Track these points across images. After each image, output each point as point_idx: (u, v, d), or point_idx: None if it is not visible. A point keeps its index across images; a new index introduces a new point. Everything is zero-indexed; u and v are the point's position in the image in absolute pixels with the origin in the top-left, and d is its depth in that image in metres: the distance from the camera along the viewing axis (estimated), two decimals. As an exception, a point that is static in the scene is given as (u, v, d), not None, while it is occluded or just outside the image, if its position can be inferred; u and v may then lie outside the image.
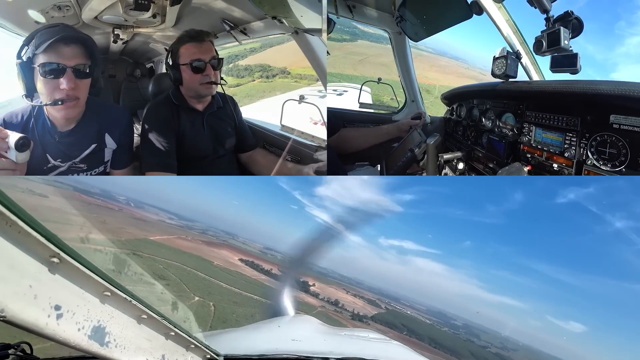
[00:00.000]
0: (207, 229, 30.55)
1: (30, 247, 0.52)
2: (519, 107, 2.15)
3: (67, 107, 1.55)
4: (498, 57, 2.20)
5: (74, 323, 0.60)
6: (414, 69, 3.07)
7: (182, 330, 0.83)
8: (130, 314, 0.71)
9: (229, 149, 2.22)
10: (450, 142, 2.96)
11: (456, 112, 2.97)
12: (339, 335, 1.47)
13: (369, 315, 22.73)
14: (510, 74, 2.16)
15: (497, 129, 2.36)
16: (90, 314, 0.63)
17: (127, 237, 20.33)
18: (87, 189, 20.85)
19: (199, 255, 22.59)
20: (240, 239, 30.63)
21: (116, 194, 26.21)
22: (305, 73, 12.02)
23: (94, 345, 0.64)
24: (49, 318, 0.56)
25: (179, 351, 0.86)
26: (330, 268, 28.04)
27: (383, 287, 31.64)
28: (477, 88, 2.78)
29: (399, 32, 2.89)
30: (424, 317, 26.75)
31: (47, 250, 0.54)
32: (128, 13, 2.41)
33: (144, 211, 29.45)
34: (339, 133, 2.54)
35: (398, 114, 3.14)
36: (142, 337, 0.74)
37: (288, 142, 2.45)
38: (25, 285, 0.52)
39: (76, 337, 0.61)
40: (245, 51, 12.81)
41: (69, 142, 1.65)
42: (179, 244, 23.78)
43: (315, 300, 21.74)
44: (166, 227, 27.52)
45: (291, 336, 1.26)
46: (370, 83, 3.46)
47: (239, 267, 23.61)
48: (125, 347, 0.70)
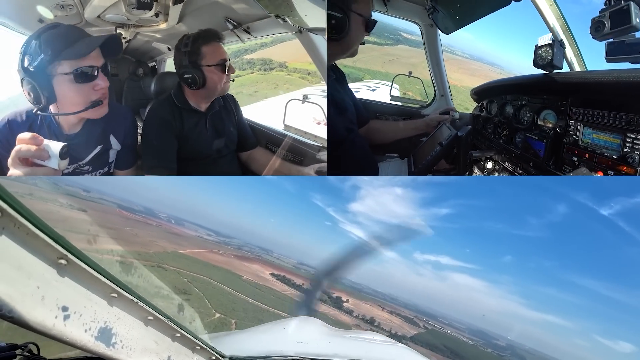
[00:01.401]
0: (243, 244, 29.92)
1: (38, 249, 0.52)
2: (561, 103, 1.92)
3: (105, 105, 1.56)
4: (542, 45, 1.93)
5: (81, 324, 0.60)
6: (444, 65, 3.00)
7: (188, 331, 0.83)
8: (137, 315, 0.71)
9: (230, 148, 2.22)
10: (479, 140, 2.80)
11: (486, 109, 2.78)
12: (344, 338, 1.47)
13: (407, 335, 21.43)
14: (557, 63, 1.88)
15: (534, 128, 2.13)
16: (97, 315, 0.62)
17: (156, 249, 19.73)
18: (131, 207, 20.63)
19: (228, 269, 21.87)
20: (274, 254, 29.83)
21: (156, 210, 25.73)
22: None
23: (100, 346, 0.64)
24: (56, 319, 0.56)
25: (184, 352, 0.85)
26: (364, 283, 27.07)
27: (419, 303, 30.35)
28: (512, 82, 2.52)
29: (431, 25, 2.83)
30: (465, 337, 25.46)
31: (55, 252, 0.54)
32: (131, 12, 2.40)
33: (180, 226, 29.04)
34: (369, 125, 2.50)
35: (427, 108, 3.10)
36: (148, 339, 0.74)
37: (289, 141, 2.44)
38: (33, 287, 0.52)
39: (83, 338, 0.60)
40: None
41: (75, 145, 1.62)
42: (208, 257, 23.23)
43: (349, 317, 20.68)
44: (198, 241, 26.99)
45: (296, 338, 1.25)
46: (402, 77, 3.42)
47: (269, 282, 22.82)
48: (132, 348, 0.70)
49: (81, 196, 19.90)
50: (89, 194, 21.52)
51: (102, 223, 15.40)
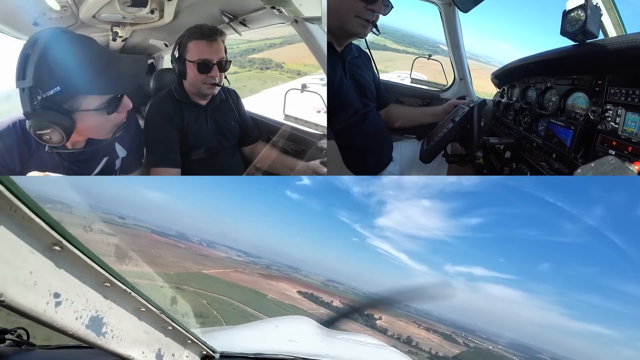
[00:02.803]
0: (272, 263, 28.58)
1: (33, 234, 0.52)
2: (596, 82, 1.57)
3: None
4: (572, 9, 1.55)
5: (72, 312, 0.59)
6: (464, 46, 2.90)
7: (180, 325, 0.83)
8: (129, 306, 0.70)
9: (232, 142, 2.23)
10: (498, 127, 2.64)
11: (507, 94, 2.57)
12: (336, 339, 1.47)
13: (449, 355, 20.41)
14: (591, 29, 1.48)
15: (560, 113, 1.83)
16: (88, 303, 0.62)
17: (178, 270, 18.53)
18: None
19: (252, 288, 20.77)
20: (302, 272, 28.45)
21: (190, 235, 24.32)
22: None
23: (90, 334, 0.63)
24: (47, 305, 0.55)
25: (175, 346, 0.85)
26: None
27: (454, 318, 28.76)
28: (537, 59, 2.11)
29: (449, 4, 2.76)
30: (509, 353, 24.05)
31: (50, 238, 0.54)
32: (125, 10, 2.39)
33: (209, 248, 27.92)
34: (388, 108, 2.52)
35: (446, 92, 3.09)
36: (139, 330, 0.74)
37: (289, 131, 2.43)
38: (26, 271, 0.52)
39: (73, 326, 0.60)
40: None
41: (81, 161, 1.54)
42: (233, 276, 22.07)
43: (385, 337, 18.21)
44: (225, 261, 25.80)
45: (288, 337, 1.25)
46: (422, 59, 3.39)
47: (296, 300, 21.76)
48: (122, 339, 0.70)
49: (116, 223, 18.92)
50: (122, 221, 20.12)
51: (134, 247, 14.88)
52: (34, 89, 1.19)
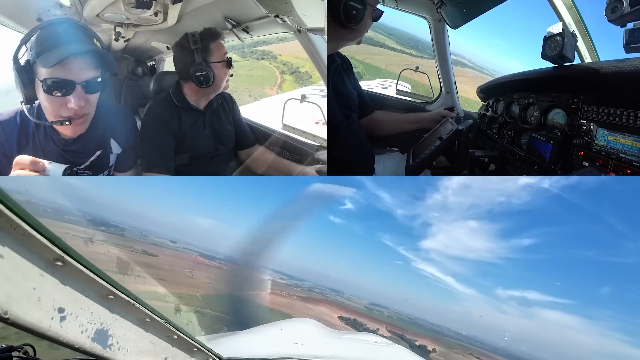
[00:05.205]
0: (314, 286, 27.33)
1: (34, 250, 0.52)
2: (572, 100, 1.75)
3: (75, 125, 1.40)
4: (552, 35, 1.78)
5: (78, 325, 0.59)
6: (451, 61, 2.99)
7: (185, 333, 0.82)
8: (134, 317, 0.70)
9: (228, 147, 2.22)
10: (482, 139, 2.75)
11: (492, 108, 2.69)
12: (341, 339, 1.46)
13: None
14: (568, 54, 1.73)
15: (541, 128, 2.00)
16: (93, 316, 0.62)
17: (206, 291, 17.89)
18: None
19: (286, 312, 20.14)
20: (345, 295, 27.22)
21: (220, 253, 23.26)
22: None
23: (97, 347, 0.63)
24: (52, 320, 0.55)
25: (181, 354, 0.85)
26: (445, 325, 23.43)
27: (508, 347, 26.07)
28: (519, 77, 2.34)
29: (439, 19, 2.84)
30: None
31: (51, 253, 0.53)
32: (130, 11, 2.39)
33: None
34: (372, 115, 2.47)
35: (432, 104, 3.11)
36: (145, 340, 0.74)
37: (288, 141, 2.44)
38: (29, 288, 0.52)
39: (79, 340, 0.60)
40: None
41: (73, 150, 1.56)
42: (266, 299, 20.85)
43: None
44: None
45: (294, 340, 1.25)
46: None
47: (337, 326, 20.98)
48: (128, 350, 0.70)
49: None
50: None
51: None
52: (22, 50, 1.37)
